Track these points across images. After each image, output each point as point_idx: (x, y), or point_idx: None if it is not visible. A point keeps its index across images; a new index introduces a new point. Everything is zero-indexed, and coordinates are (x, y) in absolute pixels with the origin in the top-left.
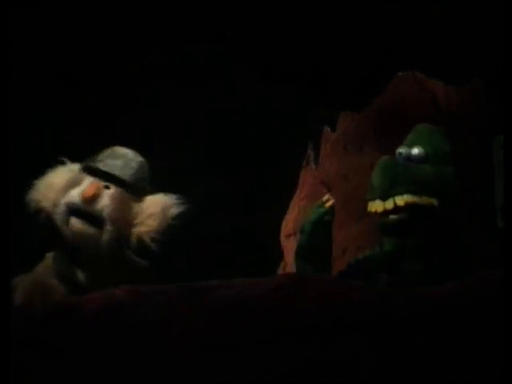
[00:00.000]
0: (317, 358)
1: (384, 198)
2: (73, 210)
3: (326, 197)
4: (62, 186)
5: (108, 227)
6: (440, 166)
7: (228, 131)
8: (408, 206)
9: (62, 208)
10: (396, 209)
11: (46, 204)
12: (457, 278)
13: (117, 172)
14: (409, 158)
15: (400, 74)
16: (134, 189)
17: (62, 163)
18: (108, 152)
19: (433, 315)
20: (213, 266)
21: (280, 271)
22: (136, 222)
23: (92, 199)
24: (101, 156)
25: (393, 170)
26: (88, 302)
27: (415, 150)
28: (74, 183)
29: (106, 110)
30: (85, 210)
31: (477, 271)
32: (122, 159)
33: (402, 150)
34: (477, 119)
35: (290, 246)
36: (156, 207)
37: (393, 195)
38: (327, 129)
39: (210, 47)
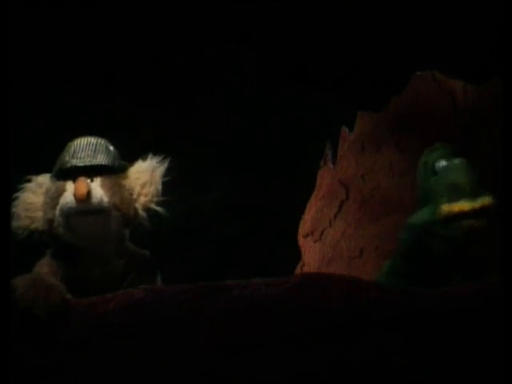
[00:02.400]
0: (325, 359)
1: (473, 198)
2: (72, 215)
3: None
4: (40, 202)
5: (114, 214)
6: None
7: (241, 134)
8: (488, 208)
9: (58, 219)
10: (478, 211)
11: (35, 225)
12: None
13: (94, 161)
14: None
15: (418, 73)
16: (116, 168)
17: (28, 181)
18: (70, 149)
19: (449, 315)
20: (226, 266)
21: (298, 271)
22: (134, 196)
23: (87, 196)
24: (65, 156)
25: (473, 171)
26: (106, 301)
27: (457, 160)
28: (54, 193)
29: (112, 111)
30: (85, 210)
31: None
32: (89, 147)
33: (443, 162)
34: (495, 118)
35: (307, 245)
36: (144, 175)
37: (480, 195)
38: (345, 129)
39: (232, 47)
